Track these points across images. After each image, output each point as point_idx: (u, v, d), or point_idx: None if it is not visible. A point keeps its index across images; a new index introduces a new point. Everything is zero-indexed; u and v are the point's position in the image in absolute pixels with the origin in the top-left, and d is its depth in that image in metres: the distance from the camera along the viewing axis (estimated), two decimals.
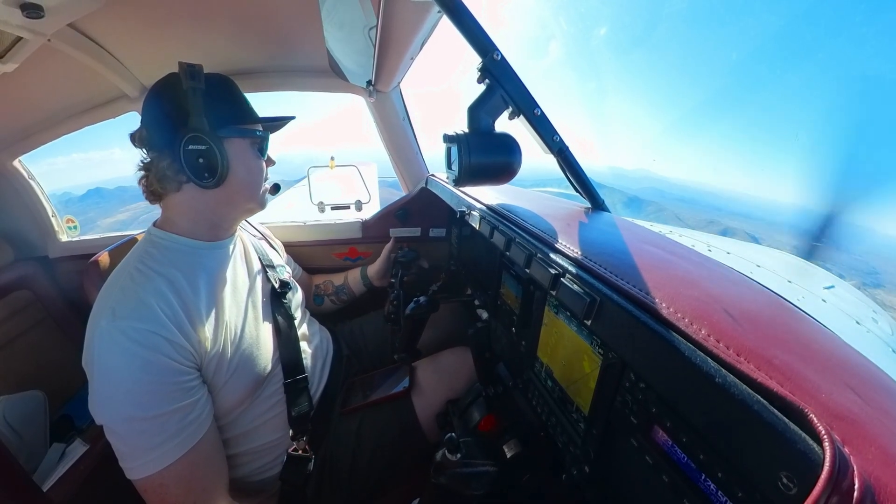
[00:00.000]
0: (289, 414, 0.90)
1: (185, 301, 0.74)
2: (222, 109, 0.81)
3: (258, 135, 0.86)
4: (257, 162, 0.87)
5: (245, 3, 0.93)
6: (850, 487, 0.24)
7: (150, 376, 0.65)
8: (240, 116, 0.84)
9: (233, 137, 0.81)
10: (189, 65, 0.74)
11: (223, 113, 0.80)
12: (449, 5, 0.60)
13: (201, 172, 0.77)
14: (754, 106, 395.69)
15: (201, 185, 0.78)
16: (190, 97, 0.74)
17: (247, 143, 0.84)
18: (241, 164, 0.83)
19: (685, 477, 0.41)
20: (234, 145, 0.81)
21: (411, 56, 1.04)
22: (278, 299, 0.97)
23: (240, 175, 0.83)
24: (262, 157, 0.89)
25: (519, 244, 0.72)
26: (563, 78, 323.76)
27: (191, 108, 0.75)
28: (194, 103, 0.75)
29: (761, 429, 0.30)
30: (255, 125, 0.87)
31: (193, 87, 0.74)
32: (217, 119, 0.78)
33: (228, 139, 0.80)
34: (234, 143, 0.82)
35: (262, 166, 0.89)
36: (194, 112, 0.75)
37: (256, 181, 0.88)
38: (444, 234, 1.54)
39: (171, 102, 0.76)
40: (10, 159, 1.40)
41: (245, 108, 0.86)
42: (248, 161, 0.85)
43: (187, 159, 0.76)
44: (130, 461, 0.65)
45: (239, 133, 0.83)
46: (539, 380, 0.75)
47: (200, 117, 0.75)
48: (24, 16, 0.67)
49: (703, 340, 0.37)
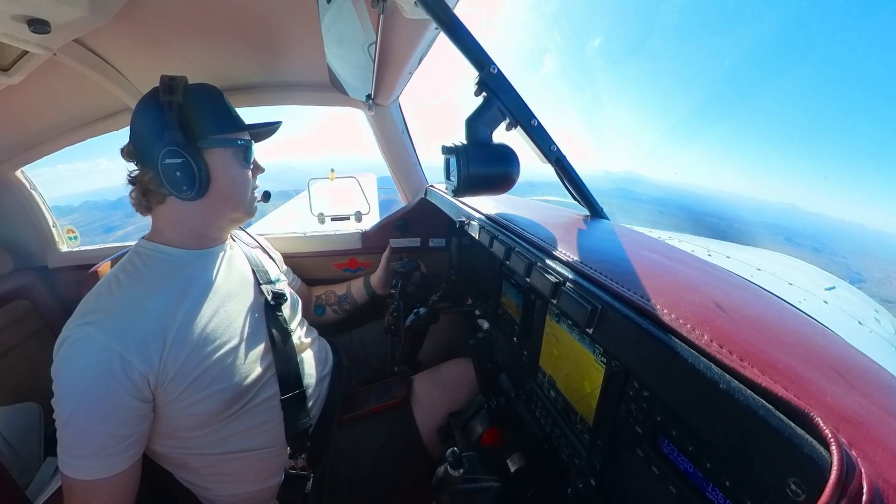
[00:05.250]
0: (287, 431, 0.88)
1: (160, 311, 0.74)
2: (202, 120, 0.81)
3: (239, 144, 0.85)
4: (241, 171, 0.87)
5: (247, 20, 0.95)
6: (858, 491, 0.24)
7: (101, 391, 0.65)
8: (220, 126, 0.84)
9: (213, 148, 0.82)
10: (169, 78, 0.77)
11: (203, 124, 0.81)
12: (446, 22, 0.62)
13: (180, 185, 0.78)
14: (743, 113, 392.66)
15: (181, 197, 0.79)
16: (166, 111, 0.76)
17: (229, 153, 0.84)
18: (223, 174, 0.83)
19: (693, 487, 0.40)
20: (214, 156, 0.82)
21: (410, 71, 1.06)
22: (272, 312, 0.95)
23: (222, 185, 0.83)
24: (248, 165, 0.88)
25: (519, 253, 0.72)
26: (558, 89, 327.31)
27: (167, 122, 0.76)
28: (170, 117, 0.76)
29: (767, 434, 0.30)
30: (238, 134, 0.87)
31: (169, 100, 0.76)
32: (197, 130, 0.79)
33: (209, 150, 0.81)
34: (214, 154, 0.82)
35: (246, 175, 0.88)
36: (169, 126, 0.76)
37: (240, 191, 0.88)
38: (444, 245, 1.55)
39: (150, 117, 0.78)
40: (13, 169, 1.41)
41: (226, 117, 0.86)
42: (231, 171, 0.85)
43: (165, 173, 0.77)
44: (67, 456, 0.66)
45: (219, 143, 0.83)
46: (542, 390, 0.74)
47: (175, 131, 0.76)
48: (31, 31, 0.68)
49: (705, 346, 0.37)
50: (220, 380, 0.77)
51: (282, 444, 0.88)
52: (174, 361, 0.72)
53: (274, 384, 0.88)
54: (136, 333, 0.69)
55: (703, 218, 40.40)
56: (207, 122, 0.82)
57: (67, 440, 0.65)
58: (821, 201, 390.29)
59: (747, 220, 56.54)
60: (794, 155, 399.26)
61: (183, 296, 0.79)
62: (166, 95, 0.76)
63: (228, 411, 0.79)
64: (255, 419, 0.84)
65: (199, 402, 0.75)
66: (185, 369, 0.73)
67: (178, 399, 0.73)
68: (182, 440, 0.79)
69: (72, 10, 0.67)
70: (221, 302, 0.85)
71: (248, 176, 0.89)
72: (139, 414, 0.70)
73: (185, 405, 0.74)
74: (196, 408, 0.75)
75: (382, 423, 1.02)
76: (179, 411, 0.74)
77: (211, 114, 0.83)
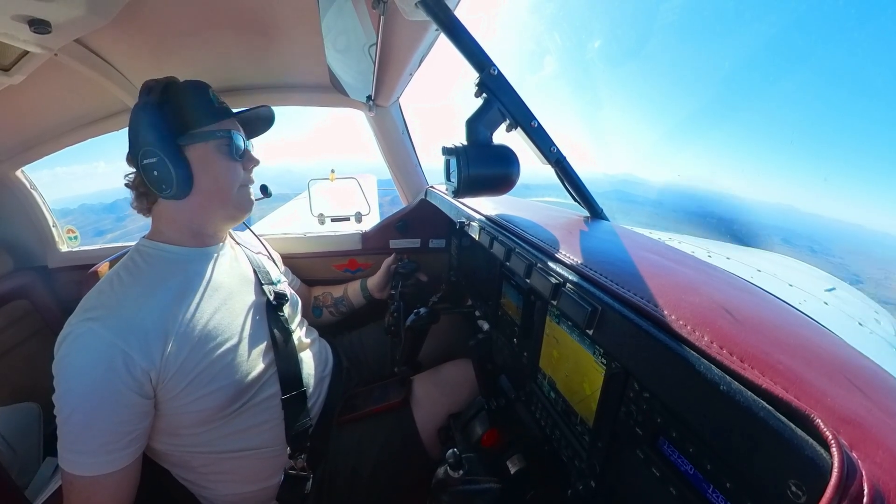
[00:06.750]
0: (287, 431, 0.88)
1: (162, 308, 0.74)
2: (181, 117, 0.79)
3: (219, 136, 0.82)
4: (225, 164, 0.83)
5: (248, 21, 0.95)
6: (859, 493, 0.24)
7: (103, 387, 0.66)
8: (200, 120, 0.81)
9: (194, 144, 0.80)
10: (150, 81, 0.78)
11: (182, 120, 0.79)
12: (446, 23, 0.62)
13: (160, 185, 0.78)
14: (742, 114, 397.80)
15: (164, 197, 0.80)
16: (142, 113, 0.77)
17: (211, 147, 0.81)
18: (205, 169, 0.81)
19: (693, 488, 0.40)
20: (196, 151, 0.80)
21: (410, 72, 1.06)
22: (274, 312, 0.95)
23: (205, 182, 0.81)
24: (234, 157, 0.84)
25: (519, 254, 0.72)
26: (558, 91, 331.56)
27: (145, 123, 0.77)
28: (145, 118, 0.77)
29: (768, 436, 0.30)
30: (220, 125, 0.83)
31: (145, 102, 0.77)
32: (177, 128, 0.79)
33: (190, 146, 0.79)
34: (196, 150, 0.80)
35: (231, 168, 0.85)
36: (144, 126, 0.77)
37: (223, 186, 0.84)
38: (444, 245, 1.55)
39: (134, 120, 0.79)
40: (13, 169, 1.41)
41: (205, 109, 0.82)
42: (213, 165, 0.82)
43: (146, 173, 0.78)
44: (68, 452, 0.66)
45: (199, 138, 0.80)
46: (542, 391, 0.74)
47: (148, 130, 0.77)
48: (32, 31, 0.69)
49: (706, 347, 0.37)
50: (222, 377, 0.77)
51: (282, 443, 0.88)
52: (176, 358, 0.72)
53: (274, 383, 0.88)
54: (139, 330, 0.69)
55: (702, 219, 40.67)
56: (187, 118, 0.80)
57: (68, 436, 0.65)
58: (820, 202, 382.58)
59: (746, 221, 56.37)
60: (794, 156, 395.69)
61: (184, 293, 0.79)
62: (143, 98, 0.77)
63: (229, 409, 0.79)
64: (255, 418, 0.84)
65: (200, 398, 0.75)
66: (187, 366, 0.73)
67: (180, 396, 0.73)
68: (183, 438, 0.78)
69: (73, 10, 0.67)
70: (223, 300, 0.85)
71: (236, 169, 0.85)
72: (141, 410, 0.70)
73: (186, 402, 0.74)
74: (197, 404, 0.75)
75: (382, 424, 1.02)
76: (181, 408, 0.74)
77: (190, 109, 0.81)
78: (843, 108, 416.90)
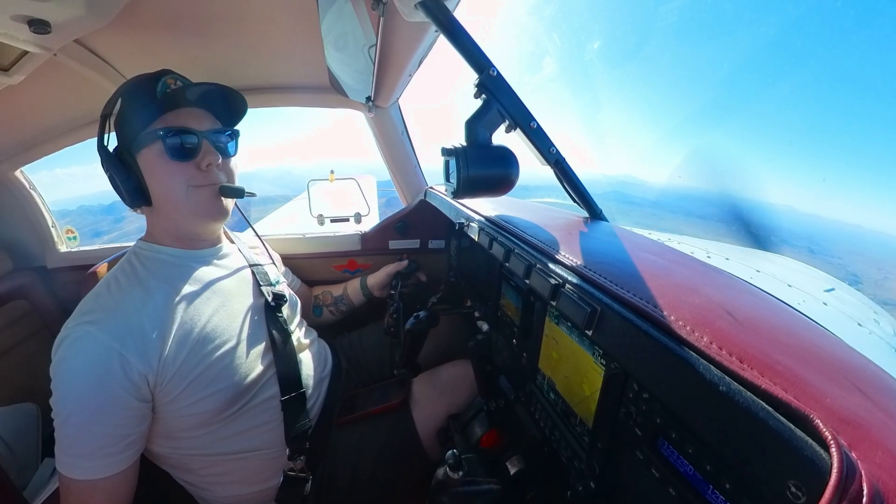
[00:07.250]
0: (286, 432, 0.87)
1: (159, 311, 0.74)
2: (128, 124, 0.75)
3: (159, 135, 0.74)
4: (165, 167, 0.75)
5: (247, 22, 0.95)
6: (858, 493, 0.24)
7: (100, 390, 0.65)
8: (141, 121, 0.74)
9: (140, 150, 0.75)
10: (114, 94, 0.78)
11: (131, 127, 0.75)
12: (446, 25, 0.62)
13: (122, 198, 0.80)
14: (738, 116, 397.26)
15: (129, 206, 0.81)
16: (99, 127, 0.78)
17: (154, 151, 0.75)
18: (152, 176, 0.76)
19: (692, 489, 0.40)
20: (143, 158, 0.76)
21: (409, 73, 1.06)
22: (272, 313, 0.94)
23: (155, 189, 0.77)
24: (178, 157, 0.75)
25: (518, 255, 0.72)
26: (558, 91, 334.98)
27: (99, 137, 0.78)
28: (100, 131, 0.78)
29: (767, 436, 0.30)
30: (159, 123, 0.74)
31: (104, 114, 0.77)
32: (125, 136, 0.77)
33: (139, 153, 0.75)
34: (143, 156, 0.76)
35: (172, 170, 0.76)
36: (99, 140, 0.78)
37: (169, 192, 0.77)
38: (444, 246, 1.55)
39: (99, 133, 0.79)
40: (12, 169, 1.41)
41: (147, 108, 0.74)
42: (158, 170, 0.75)
43: (112, 186, 0.79)
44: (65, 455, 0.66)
45: (143, 142, 0.75)
46: (541, 392, 0.74)
47: (100, 144, 0.78)
48: (31, 31, 0.69)
49: (705, 348, 0.37)
50: (220, 379, 0.77)
51: (281, 445, 0.87)
52: (174, 360, 0.72)
53: (274, 385, 0.88)
54: (136, 333, 0.69)
55: (702, 219, 40.47)
56: (133, 121, 0.75)
57: (65, 439, 0.65)
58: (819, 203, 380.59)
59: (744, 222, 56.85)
60: (793, 156, 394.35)
61: (182, 295, 0.79)
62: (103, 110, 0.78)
63: (228, 411, 0.79)
64: (254, 420, 0.84)
65: (198, 401, 0.75)
66: (185, 369, 0.73)
67: (178, 399, 0.73)
68: (181, 440, 0.78)
69: (72, 10, 0.67)
70: (221, 302, 0.84)
71: (179, 171, 0.76)
72: (138, 414, 0.70)
73: (184, 405, 0.74)
74: (195, 408, 0.75)
75: (381, 426, 1.02)
76: (179, 411, 0.74)
77: (134, 111, 0.75)
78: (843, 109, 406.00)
